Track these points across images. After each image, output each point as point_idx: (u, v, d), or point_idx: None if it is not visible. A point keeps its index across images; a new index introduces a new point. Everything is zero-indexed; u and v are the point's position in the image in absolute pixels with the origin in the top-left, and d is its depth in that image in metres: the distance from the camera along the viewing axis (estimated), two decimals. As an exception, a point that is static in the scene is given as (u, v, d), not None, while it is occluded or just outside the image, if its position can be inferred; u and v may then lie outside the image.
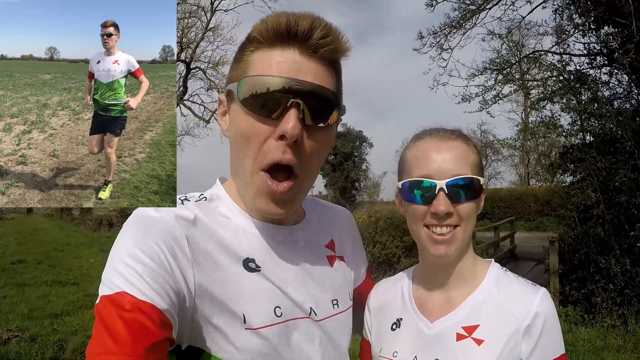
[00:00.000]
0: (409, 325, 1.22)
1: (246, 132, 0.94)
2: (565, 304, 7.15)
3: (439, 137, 1.17)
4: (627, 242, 6.92)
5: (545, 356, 1.10)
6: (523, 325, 1.09)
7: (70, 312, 7.57)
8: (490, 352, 1.09)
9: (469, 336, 1.12)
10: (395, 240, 10.22)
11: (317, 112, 0.94)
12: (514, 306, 1.12)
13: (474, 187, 1.13)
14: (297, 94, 0.90)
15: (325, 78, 0.95)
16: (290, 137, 0.89)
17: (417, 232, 1.17)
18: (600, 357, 5.54)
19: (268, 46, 0.93)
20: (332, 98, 0.96)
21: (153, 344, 0.78)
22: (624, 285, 6.70)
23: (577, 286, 7.29)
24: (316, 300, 1.06)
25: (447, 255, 1.13)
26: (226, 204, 1.06)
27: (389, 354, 1.22)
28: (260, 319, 0.95)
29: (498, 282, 1.19)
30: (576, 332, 6.35)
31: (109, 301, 0.81)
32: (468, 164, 1.13)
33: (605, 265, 6.89)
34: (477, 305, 1.16)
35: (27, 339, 5.95)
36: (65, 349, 5.77)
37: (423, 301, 1.24)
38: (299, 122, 0.90)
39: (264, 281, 0.98)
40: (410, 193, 1.15)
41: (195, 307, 0.90)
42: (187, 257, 0.90)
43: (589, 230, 7.57)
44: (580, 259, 7.56)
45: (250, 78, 0.93)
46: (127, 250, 0.86)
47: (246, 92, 0.93)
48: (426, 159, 1.14)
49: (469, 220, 1.14)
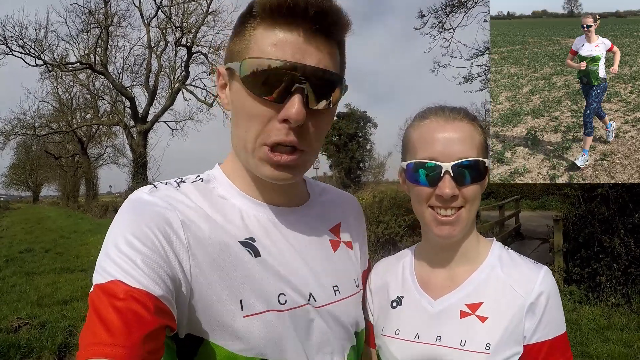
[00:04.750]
0: (411, 302, 1.22)
1: (248, 112, 0.93)
2: (569, 282, 7.16)
3: (444, 116, 1.14)
4: (631, 221, 6.90)
5: (548, 334, 1.11)
6: (527, 303, 1.10)
7: (79, 298, 7.64)
8: (494, 329, 1.10)
9: (473, 313, 1.13)
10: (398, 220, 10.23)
11: (321, 95, 0.92)
12: (518, 284, 1.13)
13: (479, 168, 1.12)
14: (301, 78, 0.88)
15: (330, 59, 0.93)
16: (294, 122, 0.88)
17: (421, 212, 1.17)
18: (604, 336, 5.57)
19: (271, 24, 0.90)
20: (336, 80, 0.95)
21: (148, 334, 0.76)
22: (628, 264, 6.69)
23: (582, 265, 7.29)
24: (316, 286, 1.04)
25: (452, 236, 1.13)
26: (223, 185, 1.05)
27: (391, 332, 1.22)
28: (259, 305, 0.93)
29: (501, 260, 1.19)
30: (580, 311, 6.38)
31: (101, 290, 0.79)
32: (474, 145, 1.12)
33: (609, 245, 6.88)
34: (481, 283, 1.16)
35: (37, 326, 6.03)
36: (75, 334, 5.82)
37: (426, 279, 1.24)
38: (303, 106, 0.88)
39: (262, 265, 0.97)
40: (414, 174, 1.14)
41: (192, 293, 0.88)
42: (182, 242, 0.88)
43: (593, 209, 7.54)
44: (585, 238, 7.55)
45: (252, 60, 0.90)
46: (120, 237, 0.84)
47: (249, 73, 0.90)
48: (432, 140, 1.12)
49: (474, 202, 1.14)
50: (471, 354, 1.09)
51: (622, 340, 5.42)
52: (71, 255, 12.00)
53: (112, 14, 27.20)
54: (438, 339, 1.13)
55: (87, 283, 8.65)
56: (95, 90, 32.98)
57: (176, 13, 26.12)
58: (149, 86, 28.01)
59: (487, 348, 1.08)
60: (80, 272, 9.86)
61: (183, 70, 27.27)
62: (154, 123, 28.02)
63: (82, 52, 27.58)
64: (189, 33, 26.08)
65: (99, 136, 42.12)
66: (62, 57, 27.42)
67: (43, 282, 8.82)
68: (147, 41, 27.66)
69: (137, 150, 27.03)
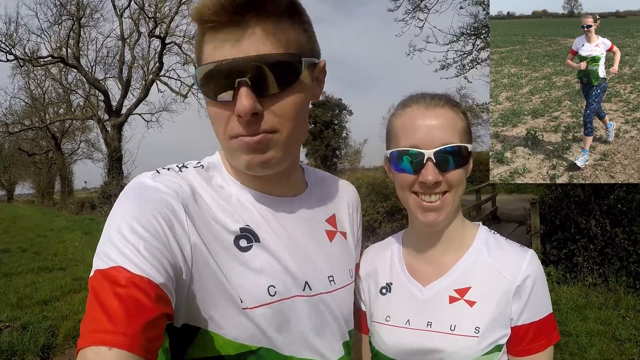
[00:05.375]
0: (401, 289, 1.24)
1: (212, 116, 0.95)
2: (547, 263, 7.30)
3: (425, 104, 1.16)
4: (606, 203, 7.07)
5: (534, 316, 1.14)
6: (513, 286, 1.13)
7: (59, 297, 7.54)
8: (483, 313, 1.13)
9: (462, 298, 1.15)
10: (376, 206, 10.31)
11: (272, 79, 0.90)
12: (504, 268, 1.15)
13: (462, 154, 1.13)
14: (241, 72, 0.87)
15: (271, 42, 0.89)
16: (244, 115, 0.87)
17: (406, 199, 1.19)
18: (582, 315, 5.73)
19: (210, 27, 0.90)
20: (285, 60, 0.91)
21: (149, 321, 0.76)
22: (604, 245, 6.87)
23: (559, 246, 7.44)
24: (312, 275, 1.05)
25: (437, 222, 1.15)
26: (221, 174, 1.05)
27: (381, 319, 1.24)
28: (256, 296, 0.94)
29: (487, 244, 1.21)
30: (558, 291, 6.53)
31: (103, 276, 0.78)
32: (456, 131, 1.13)
33: (585, 226, 7.04)
34: (468, 268, 1.19)
35: (19, 328, 5.92)
36: (57, 334, 5.77)
37: (414, 265, 1.26)
38: (251, 98, 0.87)
39: (259, 255, 0.97)
40: (398, 162, 1.15)
41: (192, 281, 0.89)
42: (184, 229, 0.89)
43: (569, 191, 7.70)
44: (561, 220, 7.71)
45: (201, 67, 0.92)
46: (123, 222, 0.84)
47: (200, 81, 0.92)
48: (413, 127, 1.13)
49: (459, 187, 1.15)
50: (461, 338, 1.11)
51: (600, 318, 5.57)
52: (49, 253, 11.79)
53: (85, 5, 26.53)
54: (429, 325, 1.15)
55: (66, 282, 8.55)
56: (68, 85, 32.22)
57: (149, 3, 25.59)
58: (122, 78, 27.44)
59: (477, 331, 1.11)
60: (59, 271, 9.71)
61: (157, 62, 26.81)
62: (128, 116, 27.50)
63: (53, 46, 26.95)
64: (162, 23, 25.61)
65: (72, 131, 41.12)
66: (34, 52, 26.79)
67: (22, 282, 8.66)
68: (120, 33, 27.11)
69: (112, 144, 26.53)
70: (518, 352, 1.15)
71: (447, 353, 1.11)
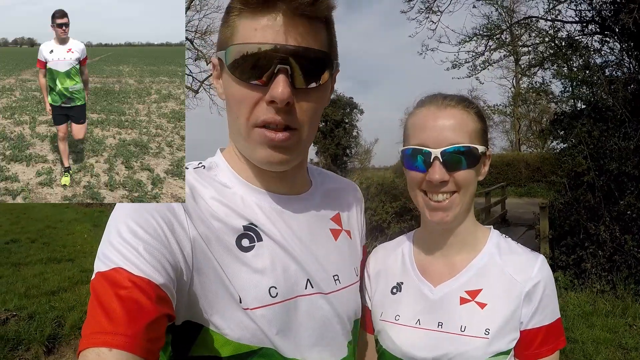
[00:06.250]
0: (411, 289, 1.24)
1: (237, 98, 0.93)
2: (555, 269, 7.25)
3: (437, 104, 1.17)
4: (616, 209, 7.00)
5: (544, 320, 1.14)
6: (524, 290, 1.13)
7: (67, 288, 7.59)
8: (493, 315, 1.13)
9: (473, 300, 1.16)
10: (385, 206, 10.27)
11: (307, 73, 0.92)
12: (516, 271, 1.16)
13: (472, 154, 1.13)
14: (283, 59, 0.88)
15: (314, 37, 0.92)
16: (280, 102, 0.88)
17: (415, 197, 1.20)
18: (589, 322, 5.68)
19: (252, 10, 0.90)
20: (321, 58, 0.94)
21: (150, 322, 0.76)
22: (613, 251, 6.81)
23: (567, 252, 7.40)
24: (317, 274, 1.04)
25: (444, 221, 1.15)
26: (225, 173, 1.05)
27: (390, 318, 1.24)
28: (257, 297, 0.94)
29: (499, 247, 1.22)
30: (566, 297, 6.48)
31: (104, 278, 0.79)
32: (466, 132, 1.13)
33: (594, 232, 6.98)
34: (480, 270, 1.19)
35: (26, 318, 5.97)
36: (64, 325, 5.80)
37: (425, 265, 1.26)
38: (288, 86, 0.88)
39: (262, 255, 0.97)
40: (408, 160, 1.17)
41: (193, 281, 0.89)
42: (184, 229, 0.89)
43: (579, 197, 7.65)
44: (571, 225, 7.66)
45: (236, 46, 0.91)
46: (123, 224, 0.84)
47: (233, 61, 0.91)
48: (424, 127, 1.15)
49: (468, 187, 1.15)
50: (471, 339, 1.11)
51: (606, 325, 5.53)
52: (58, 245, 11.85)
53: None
54: (440, 325, 1.16)
55: (74, 273, 8.60)
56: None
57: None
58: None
59: (487, 333, 1.11)
60: (67, 262, 9.77)
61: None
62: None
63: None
64: (175, 19, 25.68)
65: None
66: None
67: (30, 272, 8.71)
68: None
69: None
70: (526, 355, 1.15)
71: (455, 354, 1.11)
